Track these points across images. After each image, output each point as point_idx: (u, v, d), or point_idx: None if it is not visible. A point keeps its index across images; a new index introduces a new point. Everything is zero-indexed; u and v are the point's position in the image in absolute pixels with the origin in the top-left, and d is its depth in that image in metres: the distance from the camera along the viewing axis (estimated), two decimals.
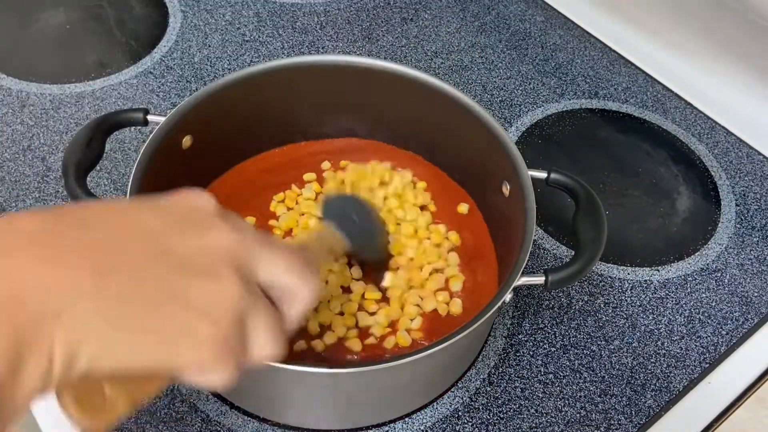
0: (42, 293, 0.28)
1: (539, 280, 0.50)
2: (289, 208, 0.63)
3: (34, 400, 0.29)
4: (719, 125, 0.80)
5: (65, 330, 0.28)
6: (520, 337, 0.60)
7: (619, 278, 0.65)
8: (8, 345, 0.27)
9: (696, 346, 0.61)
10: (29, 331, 0.27)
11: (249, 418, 0.54)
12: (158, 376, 0.33)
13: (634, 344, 0.61)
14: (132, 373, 0.30)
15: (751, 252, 0.68)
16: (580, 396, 0.57)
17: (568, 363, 0.59)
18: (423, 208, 0.63)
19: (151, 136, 0.55)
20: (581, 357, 0.60)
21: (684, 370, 0.59)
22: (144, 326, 0.30)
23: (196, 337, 0.31)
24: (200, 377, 0.33)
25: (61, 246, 0.30)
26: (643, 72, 0.85)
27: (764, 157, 0.77)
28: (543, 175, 0.56)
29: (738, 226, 0.70)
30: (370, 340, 0.55)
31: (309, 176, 0.65)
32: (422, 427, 0.55)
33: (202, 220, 0.35)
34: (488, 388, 0.57)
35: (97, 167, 0.55)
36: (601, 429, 0.55)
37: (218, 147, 0.61)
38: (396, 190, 0.63)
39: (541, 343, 0.60)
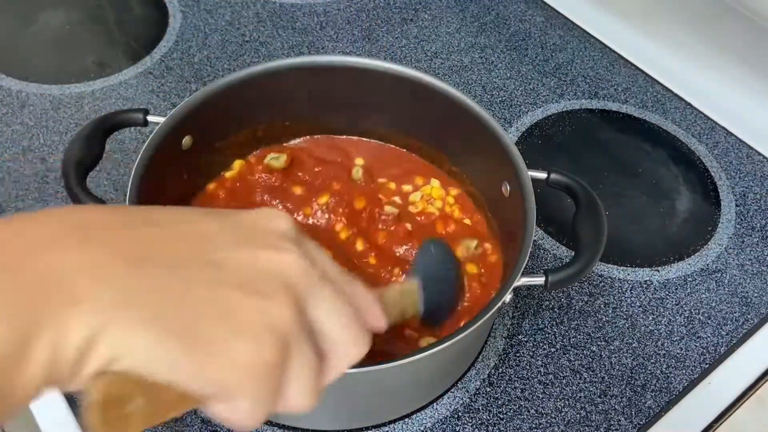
0: (66, 276, 0.26)
1: (539, 280, 0.50)
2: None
3: (36, 394, 0.26)
4: (719, 125, 0.80)
5: (85, 315, 0.26)
6: (520, 337, 0.60)
7: (619, 278, 0.65)
8: (18, 325, 0.25)
9: (696, 346, 0.61)
10: (44, 314, 0.25)
11: None
12: (182, 398, 0.28)
13: (634, 345, 0.61)
14: (154, 382, 0.27)
15: (751, 252, 0.68)
16: (580, 396, 0.57)
17: (568, 363, 0.59)
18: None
19: (151, 136, 0.55)
20: (581, 357, 0.60)
21: (684, 371, 0.59)
22: (172, 327, 0.27)
23: (232, 354, 0.28)
24: (227, 408, 0.29)
25: (103, 237, 0.28)
26: (643, 72, 0.85)
27: (764, 157, 0.77)
28: (543, 175, 0.56)
29: (738, 226, 0.70)
30: None
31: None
32: (422, 428, 0.55)
33: (269, 240, 0.32)
34: (488, 389, 0.57)
35: (97, 167, 0.55)
36: (601, 429, 0.55)
37: (218, 147, 0.61)
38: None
39: (541, 344, 0.60)
